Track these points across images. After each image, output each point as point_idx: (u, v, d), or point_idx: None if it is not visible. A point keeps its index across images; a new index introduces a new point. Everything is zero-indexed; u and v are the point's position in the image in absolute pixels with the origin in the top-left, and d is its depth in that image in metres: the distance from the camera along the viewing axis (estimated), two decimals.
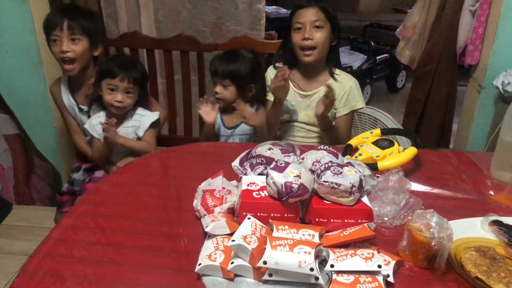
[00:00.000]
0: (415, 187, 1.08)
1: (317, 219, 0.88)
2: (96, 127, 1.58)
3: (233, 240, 0.77)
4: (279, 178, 0.87)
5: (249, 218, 0.85)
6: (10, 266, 1.76)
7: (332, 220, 0.88)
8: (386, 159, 1.13)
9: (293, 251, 0.74)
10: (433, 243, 0.77)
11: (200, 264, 0.78)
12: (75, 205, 1.05)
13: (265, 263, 0.74)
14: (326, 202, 0.90)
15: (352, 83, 1.59)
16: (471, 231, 0.91)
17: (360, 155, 1.19)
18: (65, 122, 1.73)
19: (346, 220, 0.88)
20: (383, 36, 4.16)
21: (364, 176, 0.93)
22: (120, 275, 0.80)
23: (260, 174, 0.99)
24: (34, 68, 1.87)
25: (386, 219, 0.95)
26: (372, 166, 1.08)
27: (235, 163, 1.04)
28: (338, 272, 0.75)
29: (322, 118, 1.50)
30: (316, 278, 0.73)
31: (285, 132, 1.68)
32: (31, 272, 0.80)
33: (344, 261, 0.76)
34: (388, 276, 0.76)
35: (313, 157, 1.01)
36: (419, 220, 0.81)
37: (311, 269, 0.72)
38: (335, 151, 1.04)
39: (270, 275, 0.75)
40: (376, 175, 1.03)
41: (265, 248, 0.75)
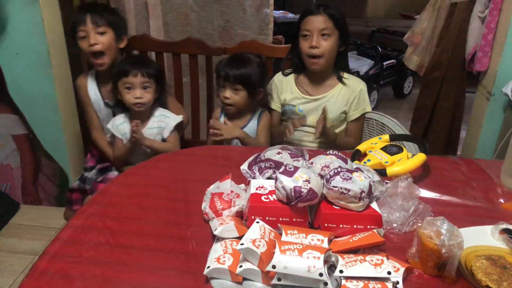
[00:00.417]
0: (424, 193, 1.07)
1: (326, 224, 0.88)
2: (119, 127, 1.59)
3: (242, 244, 0.77)
4: (288, 183, 0.87)
5: (257, 222, 0.85)
6: (17, 265, 1.77)
7: (341, 225, 0.88)
8: (395, 165, 1.12)
9: (302, 256, 0.74)
10: (443, 251, 0.77)
11: (209, 267, 0.78)
12: (84, 205, 1.05)
13: (274, 267, 0.73)
14: (335, 207, 0.89)
15: (362, 86, 1.60)
16: (481, 239, 0.90)
17: (368, 160, 1.18)
18: (86, 118, 1.75)
19: (355, 226, 0.88)
20: (390, 42, 4.15)
21: (373, 182, 0.93)
22: (129, 276, 0.80)
23: (268, 178, 0.99)
24: (43, 69, 1.88)
25: (395, 225, 0.94)
26: (381, 172, 1.07)
27: (244, 167, 1.04)
28: (347, 278, 0.75)
29: (322, 136, 1.50)
30: (325, 284, 0.73)
31: (293, 137, 1.67)
32: (40, 272, 0.80)
33: (353, 267, 0.76)
34: (397, 283, 0.76)
35: (322, 162, 1.00)
36: (429, 227, 0.80)
37: (320, 274, 0.72)
38: (344, 156, 1.04)
39: (279, 280, 0.75)
40: (385, 181, 1.02)
41: (274, 252, 0.75)
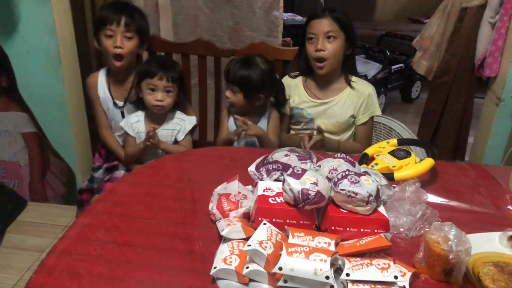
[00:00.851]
0: (432, 198, 1.07)
1: (333, 227, 0.88)
2: (133, 125, 1.60)
3: (249, 245, 0.77)
4: (296, 185, 0.87)
5: (264, 224, 0.85)
6: (23, 262, 1.78)
7: (348, 228, 0.88)
8: (403, 170, 1.12)
9: (309, 258, 0.74)
10: (451, 256, 0.76)
11: (215, 267, 0.78)
12: (92, 203, 1.06)
13: (280, 269, 0.74)
14: (342, 210, 0.89)
15: (370, 90, 1.60)
16: (489, 245, 0.90)
17: (376, 164, 1.18)
18: (95, 117, 1.75)
19: (362, 230, 0.88)
20: (398, 46, 4.14)
21: (380, 185, 0.93)
22: (135, 275, 0.81)
23: (276, 180, 0.99)
24: (53, 68, 1.89)
25: (402, 230, 0.94)
26: (389, 176, 1.07)
27: (251, 168, 1.04)
28: (354, 281, 0.75)
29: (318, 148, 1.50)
30: (332, 287, 0.73)
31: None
32: (49, 268, 0.81)
33: (360, 270, 0.76)
34: (404, 287, 0.76)
35: (329, 165, 1.00)
36: (437, 232, 0.80)
37: (327, 277, 0.72)
38: (352, 160, 1.04)
39: (285, 282, 0.75)
40: (393, 185, 1.02)
41: (280, 254, 0.75)
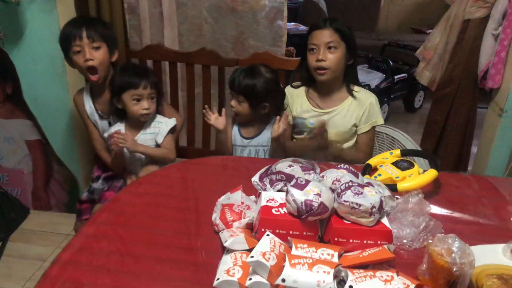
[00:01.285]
0: (435, 210, 1.06)
1: (336, 239, 0.88)
2: None
3: (252, 256, 0.77)
4: (299, 196, 0.87)
5: (268, 235, 0.85)
6: (25, 271, 1.78)
7: (351, 240, 0.88)
8: (406, 181, 1.12)
9: (312, 270, 0.74)
10: (454, 269, 0.76)
11: (219, 279, 0.78)
12: (95, 213, 1.06)
13: (283, 281, 0.74)
14: (345, 222, 0.89)
15: (372, 99, 1.60)
16: (493, 257, 0.89)
17: (379, 175, 1.18)
18: (87, 131, 1.76)
19: (365, 241, 0.88)
20: (401, 56, 4.14)
21: (384, 197, 0.93)
22: (139, 286, 0.81)
23: (279, 190, 0.99)
24: (58, 76, 1.91)
25: (405, 241, 0.94)
26: (392, 187, 1.07)
27: (255, 179, 1.05)
28: None
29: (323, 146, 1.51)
30: None
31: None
32: (52, 278, 0.81)
33: (363, 282, 0.75)
34: None
35: (333, 175, 1.00)
36: (440, 244, 0.80)
37: None
38: (355, 171, 1.04)
39: None
40: (396, 196, 1.02)
41: (283, 265, 0.75)
